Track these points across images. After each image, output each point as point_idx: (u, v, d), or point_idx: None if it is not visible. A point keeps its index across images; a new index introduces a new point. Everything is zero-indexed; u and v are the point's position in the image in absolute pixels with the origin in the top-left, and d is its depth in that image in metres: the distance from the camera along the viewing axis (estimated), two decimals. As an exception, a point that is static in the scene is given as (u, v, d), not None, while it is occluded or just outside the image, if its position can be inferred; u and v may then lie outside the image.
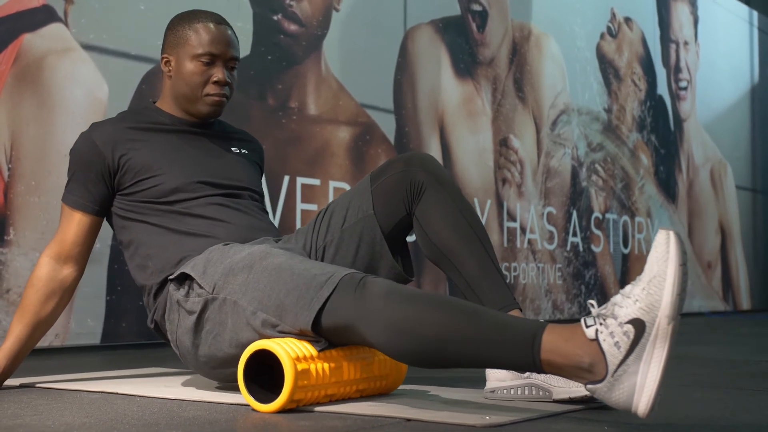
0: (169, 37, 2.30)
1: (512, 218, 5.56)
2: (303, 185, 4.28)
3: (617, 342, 1.60)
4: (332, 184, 4.42)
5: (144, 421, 1.73)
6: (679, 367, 2.90)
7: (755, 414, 1.88)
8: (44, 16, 3.37)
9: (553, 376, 1.95)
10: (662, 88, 7.36)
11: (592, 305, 1.69)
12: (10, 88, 3.25)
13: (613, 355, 1.60)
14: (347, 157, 4.53)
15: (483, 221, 5.28)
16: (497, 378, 2.02)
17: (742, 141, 8.64)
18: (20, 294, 3.18)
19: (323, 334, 1.86)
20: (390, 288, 1.78)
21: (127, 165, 2.20)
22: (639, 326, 1.59)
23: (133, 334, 3.57)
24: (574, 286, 6.08)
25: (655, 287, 1.59)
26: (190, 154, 2.27)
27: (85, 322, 3.41)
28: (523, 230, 5.65)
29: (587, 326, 1.63)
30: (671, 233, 1.61)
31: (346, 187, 4.48)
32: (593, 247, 6.33)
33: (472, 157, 5.31)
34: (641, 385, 1.59)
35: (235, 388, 2.13)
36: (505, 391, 2.00)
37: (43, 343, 3.24)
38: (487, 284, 2.02)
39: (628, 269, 6.70)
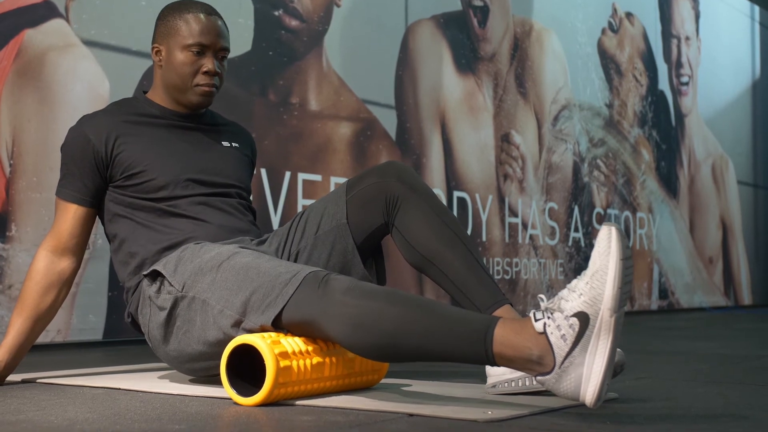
0: (160, 27, 2.31)
1: (514, 214, 5.56)
2: (304, 181, 4.28)
3: (564, 335, 1.66)
4: (333, 179, 4.42)
5: (147, 416, 1.73)
6: (681, 362, 2.91)
7: (757, 409, 1.88)
8: (45, 12, 3.37)
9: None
10: (663, 84, 7.36)
11: (542, 299, 1.75)
12: (12, 84, 3.25)
13: (560, 348, 1.65)
14: (349, 153, 4.53)
15: (484, 217, 5.28)
16: (497, 372, 2.02)
17: (743, 136, 8.63)
18: (22, 290, 3.18)
19: (287, 330, 1.91)
20: (350, 284, 1.84)
21: (118, 158, 2.22)
22: (583, 319, 1.65)
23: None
24: (576, 281, 6.08)
25: (597, 281, 1.66)
26: (181, 148, 2.28)
27: (87, 317, 3.41)
28: (524, 226, 5.65)
29: (536, 320, 1.69)
30: (613, 228, 1.69)
31: (348, 182, 4.47)
32: (595, 243, 6.32)
33: (474, 152, 5.31)
34: (587, 375, 1.64)
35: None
36: (506, 384, 2.00)
37: (45, 338, 3.25)
38: (474, 284, 2.04)
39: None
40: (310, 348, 1.91)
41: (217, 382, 2.20)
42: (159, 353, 2.15)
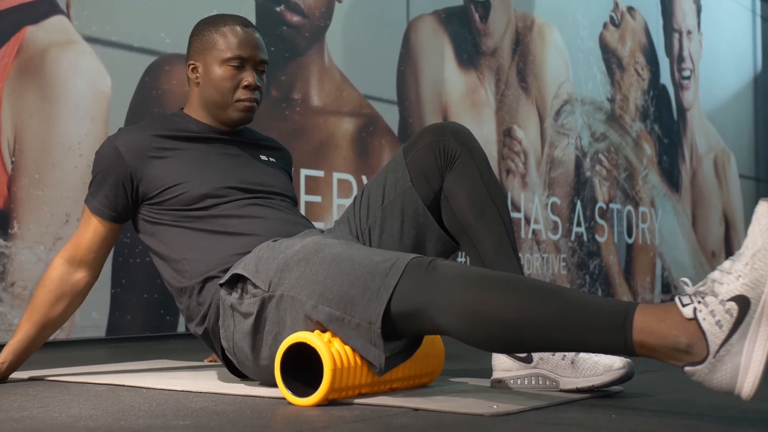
0: (195, 43, 2.24)
1: (516, 209, 5.56)
2: (307, 177, 4.27)
3: (719, 321, 1.52)
4: (336, 175, 4.42)
5: (151, 412, 1.72)
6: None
7: (762, 402, 1.88)
8: (46, 9, 3.37)
9: (560, 365, 1.95)
10: (665, 78, 7.35)
11: (686, 283, 1.62)
12: (13, 80, 3.24)
13: (715, 335, 1.52)
14: (351, 149, 4.52)
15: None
16: (503, 368, 2.01)
17: (745, 130, 8.62)
18: (25, 287, 3.18)
19: (393, 324, 1.77)
20: (462, 270, 1.71)
21: (151, 174, 2.14)
22: (743, 303, 1.51)
23: (138, 326, 3.57)
24: (579, 276, 6.08)
25: (760, 261, 1.52)
26: (219, 161, 2.21)
27: (90, 315, 3.41)
28: (527, 221, 5.64)
29: (683, 305, 1.55)
30: None
31: (350, 178, 4.47)
32: (597, 237, 6.32)
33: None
34: (746, 365, 1.51)
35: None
36: (511, 381, 2.00)
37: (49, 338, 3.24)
38: (501, 268, 1.98)
39: (633, 259, 6.70)
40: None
41: (225, 379, 2.19)
42: (247, 368, 2.00)
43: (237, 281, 1.98)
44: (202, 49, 2.22)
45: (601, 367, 1.91)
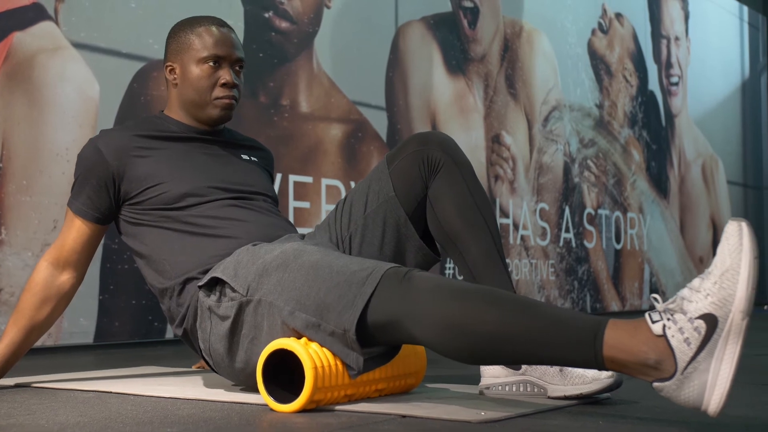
0: (172, 45, 2.26)
1: (505, 215, 5.57)
2: (296, 183, 4.27)
3: (687, 338, 1.54)
4: (324, 181, 4.42)
5: (138, 419, 1.72)
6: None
7: (749, 408, 1.88)
8: (34, 15, 3.36)
9: (548, 373, 1.95)
10: (653, 84, 7.37)
11: (656, 299, 1.63)
12: (1, 87, 3.24)
13: (683, 352, 1.54)
14: (339, 155, 4.52)
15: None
16: (492, 374, 2.02)
17: (733, 136, 8.65)
18: (12, 293, 3.17)
19: (368, 333, 1.78)
20: (438, 282, 1.72)
21: (132, 173, 2.15)
22: (711, 322, 1.54)
23: (126, 333, 3.56)
24: (567, 281, 6.09)
25: (728, 281, 1.54)
26: (200, 161, 2.22)
27: (77, 321, 3.40)
28: (515, 227, 5.65)
29: (653, 321, 1.57)
30: (743, 224, 1.55)
31: (339, 184, 4.47)
32: (586, 243, 6.34)
33: (464, 153, 5.30)
34: (712, 382, 1.54)
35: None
36: (500, 387, 2.00)
37: (36, 342, 3.23)
38: (488, 276, 1.99)
39: (621, 265, 6.71)
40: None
41: (212, 386, 2.19)
42: (222, 369, 2.02)
43: (216, 284, 1.99)
44: (179, 50, 2.24)
45: (590, 375, 1.91)
